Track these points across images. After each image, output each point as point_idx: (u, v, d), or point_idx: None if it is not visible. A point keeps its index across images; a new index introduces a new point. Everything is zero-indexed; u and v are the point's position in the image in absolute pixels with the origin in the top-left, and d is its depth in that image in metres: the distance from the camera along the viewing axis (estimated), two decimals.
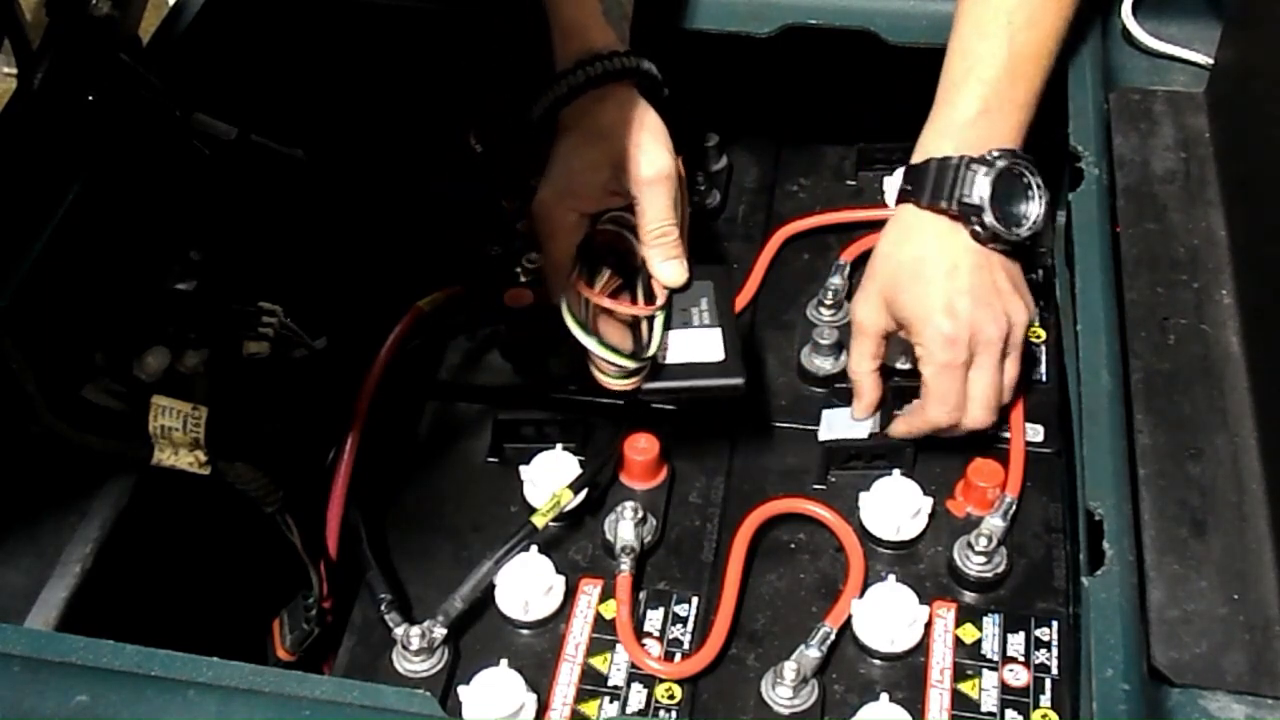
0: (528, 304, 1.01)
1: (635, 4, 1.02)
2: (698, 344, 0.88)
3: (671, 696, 0.83)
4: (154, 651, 0.72)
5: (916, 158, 0.94)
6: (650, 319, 0.88)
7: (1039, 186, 0.92)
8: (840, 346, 1.00)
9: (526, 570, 0.87)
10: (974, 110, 0.93)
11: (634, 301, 0.89)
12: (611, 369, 0.86)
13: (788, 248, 1.11)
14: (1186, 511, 0.85)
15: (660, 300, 0.88)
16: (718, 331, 0.88)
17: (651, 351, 0.87)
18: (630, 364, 0.86)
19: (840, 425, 0.97)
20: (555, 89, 0.91)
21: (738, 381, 0.87)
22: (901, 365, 0.98)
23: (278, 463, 0.87)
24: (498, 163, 1.17)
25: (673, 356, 0.87)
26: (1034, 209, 0.92)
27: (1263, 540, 0.83)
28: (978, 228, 0.91)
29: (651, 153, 0.89)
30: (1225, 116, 1.06)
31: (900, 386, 0.97)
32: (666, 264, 0.88)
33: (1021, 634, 0.85)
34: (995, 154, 0.91)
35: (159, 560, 0.94)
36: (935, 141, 0.94)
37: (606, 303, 0.88)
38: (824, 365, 1.00)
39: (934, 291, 0.90)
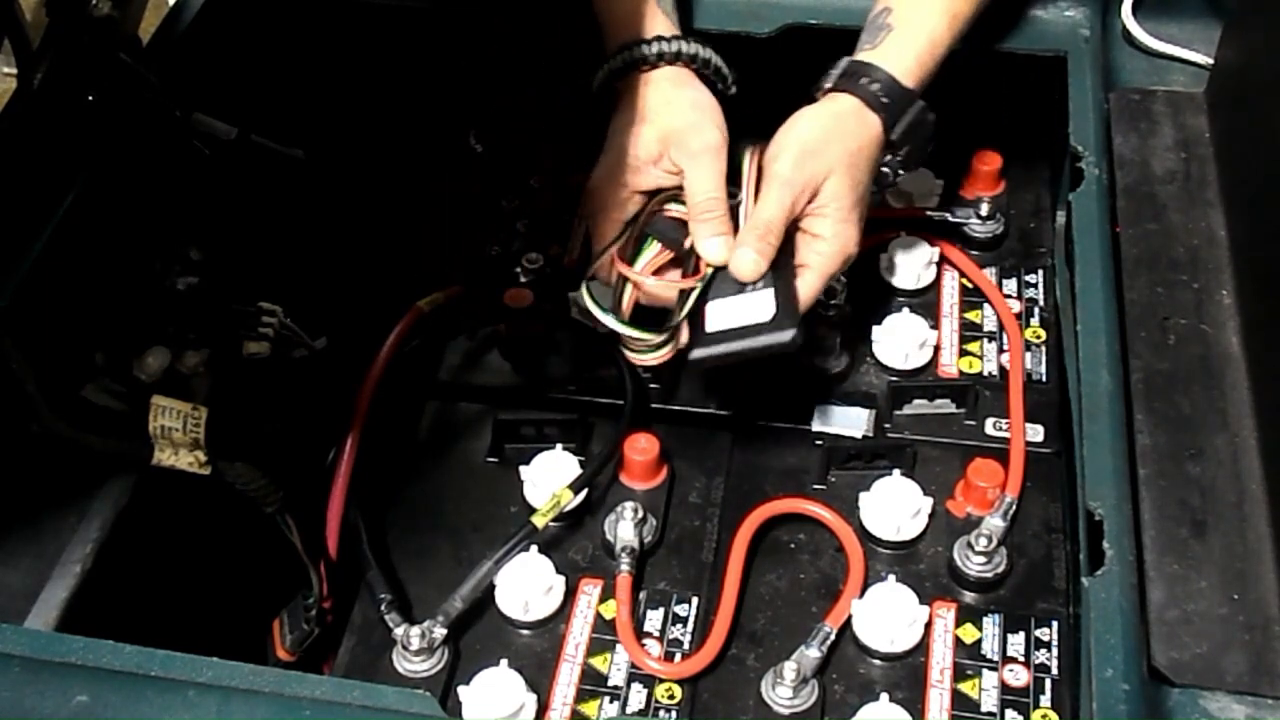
0: (528, 304, 1.01)
1: None
2: (748, 307, 0.86)
3: (671, 696, 0.83)
4: (154, 651, 0.72)
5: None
6: (687, 293, 0.88)
7: None
8: (840, 346, 1.00)
9: (526, 570, 0.87)
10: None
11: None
12: (635, 344, 0.88)
13: None
14: (1186, 511, 0.85)
15: (702, 274, 0.89)
16: (769, 292, 0.87)
17: (674, 323, 0.87)
18: (652, 338, 0.87)
19: (834, 420, 0.97)
20: (612, 62, 0.95)
21: (787, 335, 0.84)
22: (903, 366, 0.99)
23: (278, 463, 0.87)
24: (498, 163, 1.17)
25: (720, 323, 0.87)
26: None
27: (1263, 540, 0.83)
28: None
29: (700, 127, 0.91)
30: (1225, 116, 1.06)
31: (900, 386, 0.98)
32: (710, 240, 0.89)
33: (1021, 634, 0.85)
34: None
35: (159, 560, 0.94)
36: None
37: (636, 277, 0.89)
38: (824, 365, 1.00)
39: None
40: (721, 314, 0.87)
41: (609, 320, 0.87)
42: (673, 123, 0.92)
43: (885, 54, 0.95)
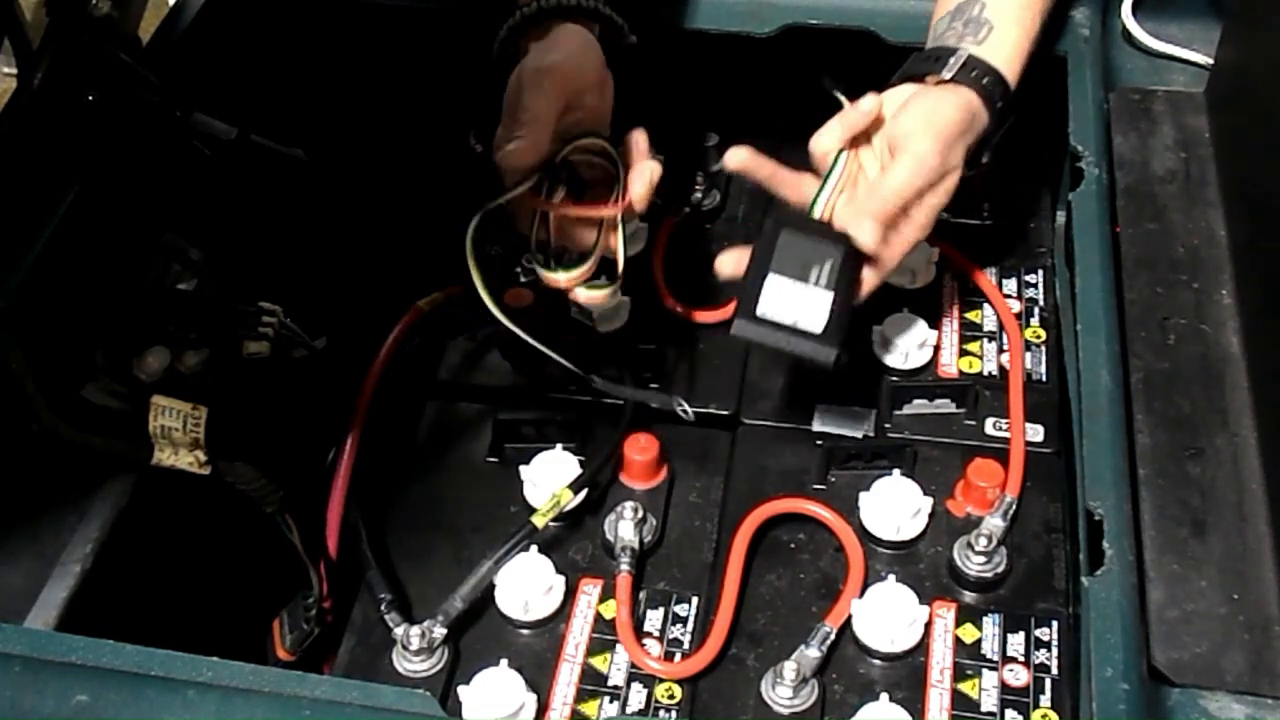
0: (528, 304, 1.01)
1: (636, 4, 1.02)
2: (804, 303, 0.85)
3: (671, 696, 0.83)
4: (154, 651, 0.72)
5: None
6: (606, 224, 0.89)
7: None
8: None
9: (526, 570, 0.87)
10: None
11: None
12: (558, 281, 0.88)
13: None
14: (1186, 511, 0.85)
15: (622, 203, 0.88)
16: (829, 297, 0.86)
17: (590, 261, 0.87)
18: (577, 271, 0.87)
19: (834, 420, 0.97)
20: (505, 24, 0.93)
21: (829, 357, 0.85)
22: (903, 366, 0.99)
23: (278, 463, 0.87)
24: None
25: (773, 309, 0.85)
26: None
27: (1263, 540, 0.83)
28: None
29: (578, 65, 0.89)
30: (1225, 116, 1.06)
31: (900, 386, 0.98)
32: (640, 172, 0.88)
33: (1021, 634, 0.85)
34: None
35: (159, 560, 0.94)
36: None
37: (561, 208, 0.89)
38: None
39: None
40: (777, 296, 0.86)
41: (551, 275, 0.87)
42: (557, 67, 0.89)
43: (994, 53, 0.94)
